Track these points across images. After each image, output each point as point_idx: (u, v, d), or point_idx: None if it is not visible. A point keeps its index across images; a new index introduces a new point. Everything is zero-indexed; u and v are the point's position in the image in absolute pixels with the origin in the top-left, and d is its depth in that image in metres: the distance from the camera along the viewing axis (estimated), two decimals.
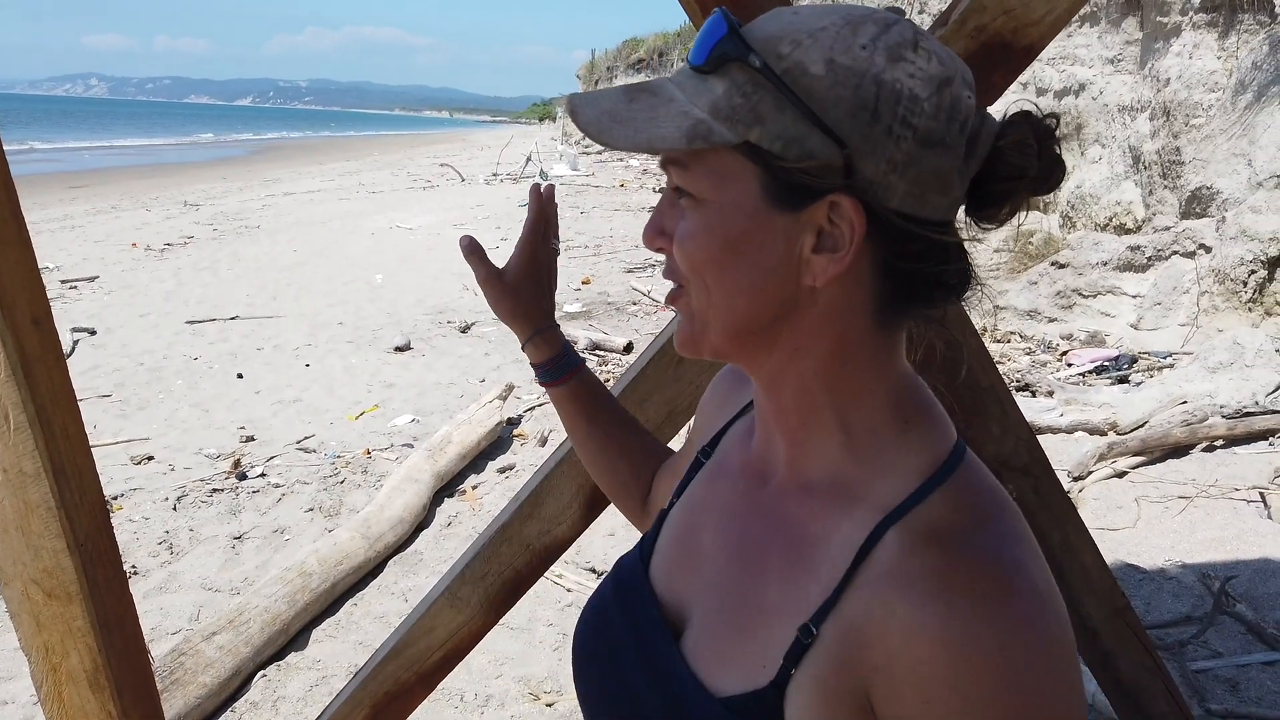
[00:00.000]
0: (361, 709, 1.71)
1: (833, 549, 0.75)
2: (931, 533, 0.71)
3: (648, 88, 0.76)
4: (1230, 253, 6.70)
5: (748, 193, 0.72)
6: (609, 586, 0.96)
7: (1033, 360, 6.91)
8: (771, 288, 0.74)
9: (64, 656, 1.52)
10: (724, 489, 0.91)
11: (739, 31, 0.71)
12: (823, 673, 0.72)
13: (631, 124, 0.72)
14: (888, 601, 0.69)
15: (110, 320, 8.47)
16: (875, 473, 0.76)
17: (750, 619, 0.79)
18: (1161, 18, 8.58)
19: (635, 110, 0.73)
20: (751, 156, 0.71)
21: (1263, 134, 6.94)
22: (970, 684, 0.65)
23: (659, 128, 0.72)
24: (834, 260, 0.72)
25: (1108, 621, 1.64)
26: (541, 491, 1.59)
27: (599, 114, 0.74)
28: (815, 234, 0.72)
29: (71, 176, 24.49)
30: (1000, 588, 0.67)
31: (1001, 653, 0.65)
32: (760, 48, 0.70)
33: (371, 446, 5.46)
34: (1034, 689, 0.66)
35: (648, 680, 0.84)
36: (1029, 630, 0.66)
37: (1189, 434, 4.93)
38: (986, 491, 0.75)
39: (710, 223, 0.74)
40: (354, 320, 8.64)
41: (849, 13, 0.71)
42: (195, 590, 3.88)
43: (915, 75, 0.69)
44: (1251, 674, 3.10)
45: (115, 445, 5.43)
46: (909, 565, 0.69)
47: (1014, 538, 0.72)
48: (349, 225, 14.81)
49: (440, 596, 1.65)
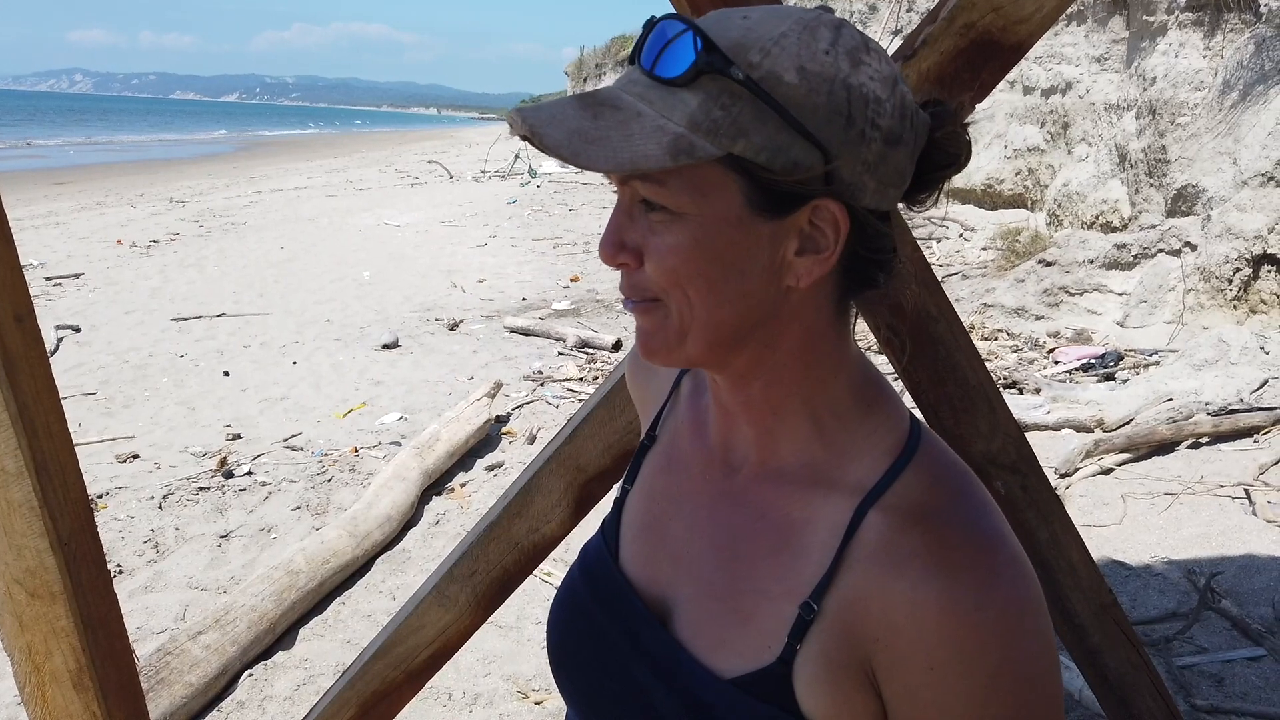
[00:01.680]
0: (349, 708, 1.70)
1: (818, 531, 0.79)
2: (913, 511, 0.75)
3: (605, 100, 0.73)
4: (1215, 251, 6.74)
5: (731, 204, 0.72)
6: (579, 578, 0.97)
7: (1020, 358, 6.94)
8: (755, 294, 0.76)
9: (47, 657, 1.51)
10: (684, 480, 0.92)
11: (716, 46, 0.69)
12: (827, 646, 0.76)
13: (606, 143, 0.70)
14: (885, 579, 0.74)
15: (95, 317, 8.41)
16: (845, 456, 0.80)
17: (745, 603, 0.81)
18: (1148, 17, 8.62)
19: (604, 127, 0.70)
20: (734, 168, 0.70)
21: (1248, 133, 6.98)
22: (974, 647, 0.71)
23: (637, 145, 0.69)
24: (818, 261, 0.75)
25: (1094, 618, 1.64)
26: (530, 489, 1.59)
27: (567, 134, 0.70)
28: (798, 237, 0.74)
29: (56, 173, 24.33)
30: (988, 557, 0.73)
31: (1000, 615, 0.71)
32: (730, 52, 0.69)
33: (359, 444, 5.44)
34: (1028, 643, 0.72)
35: (652, 671, 0.85)
36: (1016, 591, 0.73)
37: (1175, 431, 4.96)
38: (951, 465, 0.81)
39: (694, 236, 0.73)
40: (341, 318, 8.60)
41: (797, 15, 0.72)
42: (181, 589, 3.85)
43: (874, 77, 0.71)
44: (1236, 669, 3.11)
45: (100, 443, 5.39)
46: (900, 544, 0.74)
47: (986, 507, 0.78)
48: (336, 222, 14.75)
49: (428, 595, 1.64)
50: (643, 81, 0.73)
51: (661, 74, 0.71)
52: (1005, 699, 0.72)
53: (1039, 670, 0.73)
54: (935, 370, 1.48)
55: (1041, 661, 0.73)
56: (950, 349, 1.48)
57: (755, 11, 0.72)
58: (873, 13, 14.81)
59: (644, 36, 0.74)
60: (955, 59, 1.36)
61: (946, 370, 1.48)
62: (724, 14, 0.73)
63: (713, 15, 0.74)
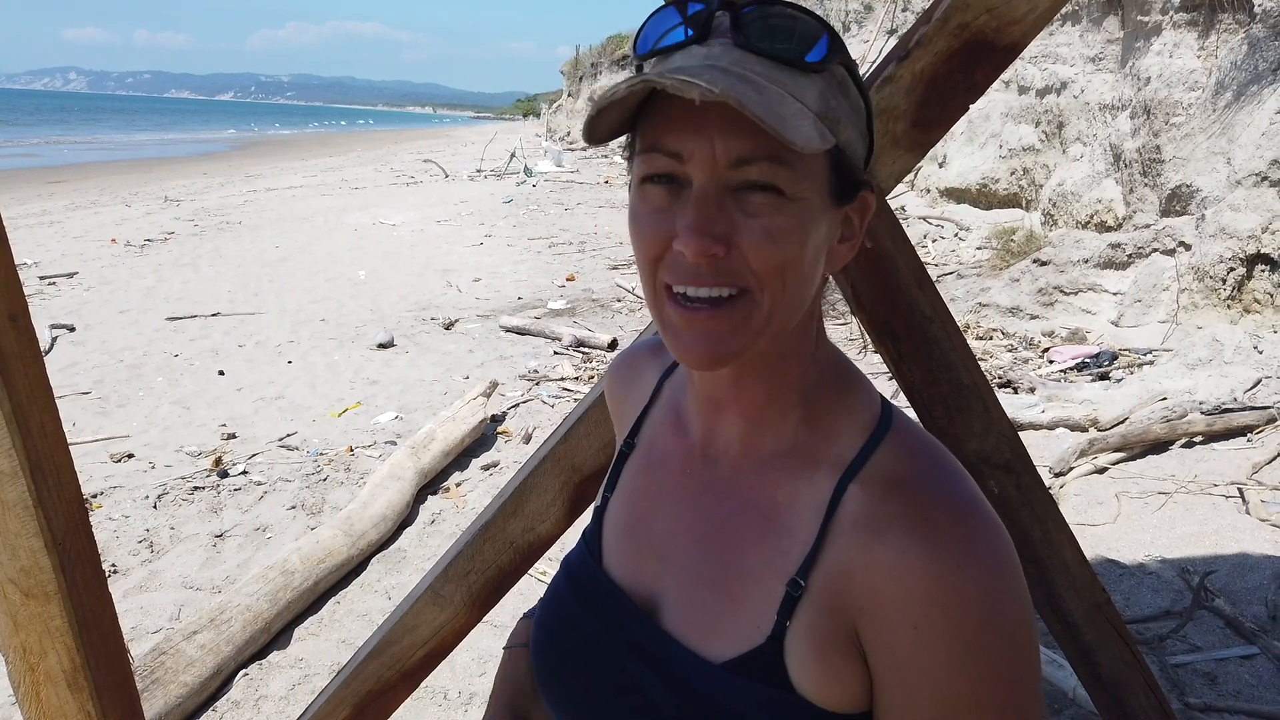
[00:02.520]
0: (344, 707, 1.71)
1: (803, 510, 0.81)
2: (891, 480, 0.78)
3: (751, 78, 0.71)
4: (1209, 250, 6.76)
5: (822, 191, 0.75)
6: (564, 587, 0.97)
7: (1015, 357, 6.95)
8: (813, 287, 0.80)
9: (42, 656, 1.51)
10: (665, 478, 0.93)
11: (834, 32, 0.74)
12: (815, 620, 0.78)
13: (789, 121, 0.69)
14: (867, 547, 0.76)
15: (90, 317, 8.39)
16: (826, 436, 0.83)
17: (734, 588, 0.83)
18: (1142, 17, 8.64)
19: (771, 103, 0.69)
20: (830, 157, 0.74)
21: (1242, 133, 6.99)
22: (956, 604, 0.73)
23: (801, 126, 0.70)
24: (850, 247, 0.80)
25: (1088, 617, 1.65)
26: (525, 489, 1.59)
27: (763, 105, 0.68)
28: (842, 225, 0.79)
29: (50, 171, 24.27)
30: (965, 518, 0.76)
31: (980, 573, 0.73)
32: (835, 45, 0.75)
33: (354, 444, 5.44)
34: (1008, 600, 0.74)
35: (645, 665, 0.86)
36: (995, 550, 0.75)
37: (1169, 430, 4.97)
38: (922, 437, 0.84)
39: (799, 220, 0.74)
40: (337, 317, 8.59)
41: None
42: (176, 589, 3.85)
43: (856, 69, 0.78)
44: (1230, 668, 3.12)
45: (95, 443, 5.38)
46: (880, 512, 0.77)
47: (959, 474, 0.81)
48: (331, 221, 14.73)
49: (423, 594, 1.64)
50: (758, 63, 0.72)
51: (795, 56, 0.72)
52: (987, 655, 0.73)
53: (1018, 626, 0.74)
54: (929, 370, 1.48)
55: (1021, 618, 0.75)
56: (944, 349, 1.48)
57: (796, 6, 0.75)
58: (868, 13, 14.83)
59: (738, 16, 0.73)
60: (949, 59, 1.36)
61: (940, 370, 1.48)
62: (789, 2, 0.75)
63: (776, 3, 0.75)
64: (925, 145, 1.41)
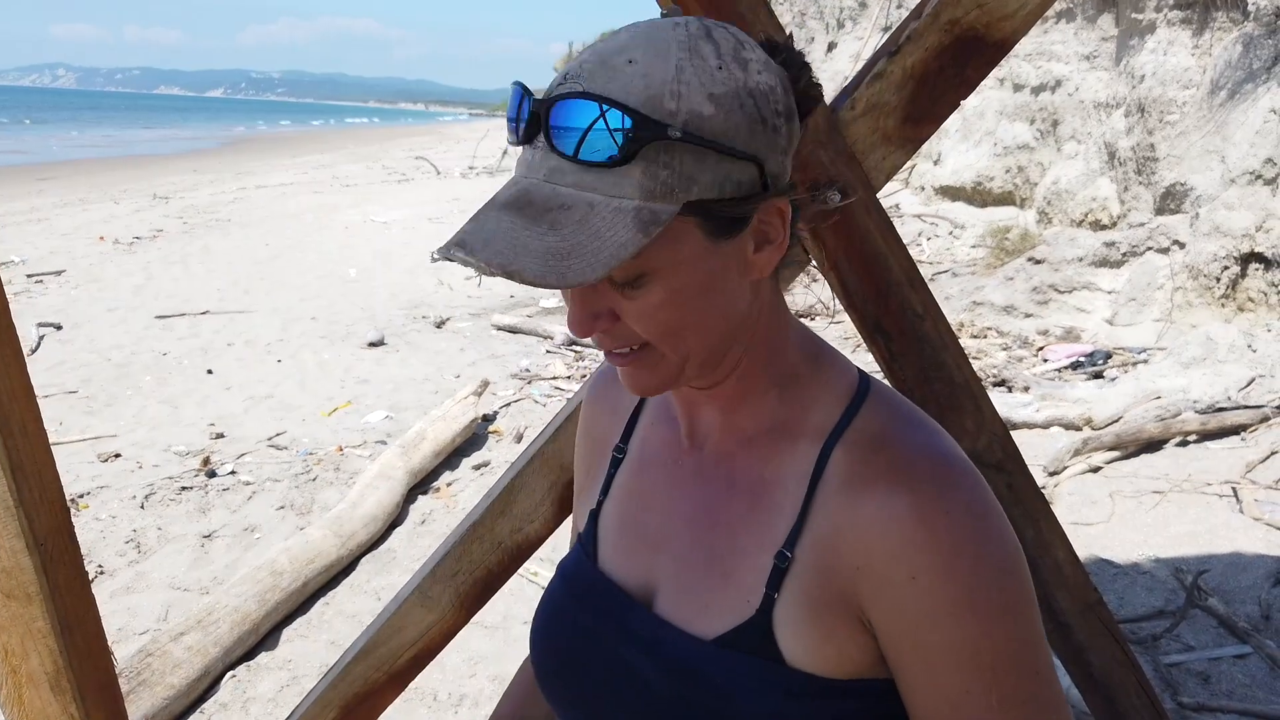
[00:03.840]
0: (331, 710, 1.68)
1: (787, 483, 0.83)
2: (873, 440, 0.81)
3: (548, 203, 0.71)
4: (1204, 249, 6.77)
5: (695, 242, 0.74)
6: (559, 587, 0.98)
7: (1009, 356, 6.95)
8: (734, 304, 0.79)
9: (24, 658, 1.49)
10: (656, 474, 0.95)
11: (642, 114, 0.69)
12: (808, 587, 0.79)
13: (582, 252, 0.69)
14: (854, 506, 0.78)
15: (77, 315, 8.34)
16: (805, 409, 0.85)
17: (724, 565, 0.84)
18: (1137, 15, 8.65)
19: (569, 235, 0.69)
20: (690, 212, 0.72)
21: (1236, 131, 7.00)
22: (949, 548, 0.75)
23: (609, 238, 0.69)
24: (774, 249, 0.79)
25: (1081, 616, 1.64)
26: (514, 488, 1.57)
27: (541, 260, 0.69)
28: (753, 237, 0.78)
29: (38, 168, 24.14)
30: (948, 468, 0.78)
31: (966, 515, 0.76)
32: (654, 115, 0.69)
33: (344, 443, 5.41)
34: (997, 541, 0.77)
35: (640, 650, 0.87)
36: (977, 495, 0.78)
37: (1163, 429, 4.97)
38: (900, 399, 0.86)
39: (671, 287, 0.74)
40: (327, 315, 8.56)
41: (673, 41, 0.72)
42: (163, 590, 3.82)
43: (760, 70, 0.74)
44: (1223, 667, 3.12)
45: (82, 442, 5.34)
46: (864, 471, 0.79)
47: (938, 431, 0.83)
48: (322, 219, 14.69)
49: (410, 595, 1.63)
50: (570, 168, 0.71)
51: (594, 159, 0.70)
52: (989, 591, 0.75)
53: (1013, 563, 0.77)
54: (921, 368, 1.47)
55: (1013, 556, 0.77)
56: (936, 347, 1.47)
57: (634, 50, 0.72)
58: (862, 9, 14.84)
59: (542, 118, 0.72)
60: (940, 55, 1.35)
61: (933, 368, 1.47)
62: (608, 64, 0.72)
63: (596, 67, 0.72)
64: (916, 141, 1.40)
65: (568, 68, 0.75)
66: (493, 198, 0.75)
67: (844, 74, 13.48)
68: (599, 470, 1.03)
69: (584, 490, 1.06)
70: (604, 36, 0.77)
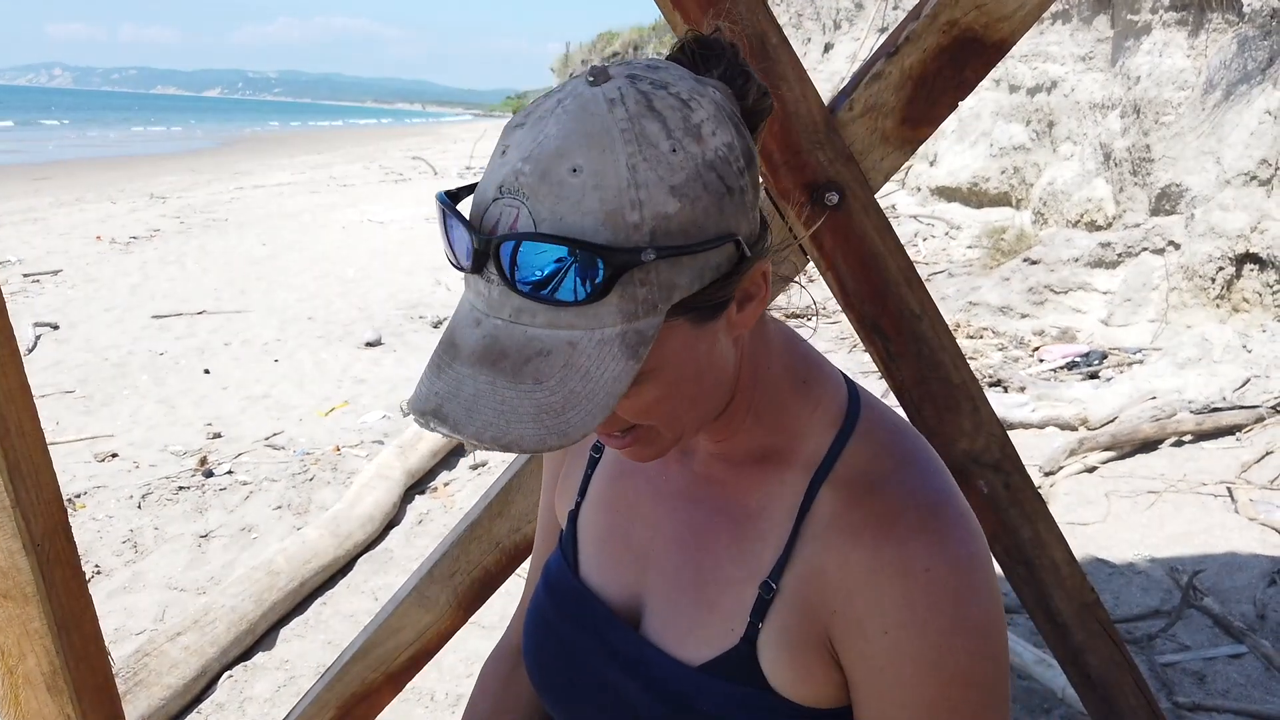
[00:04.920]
0: (328, 710, 1.69)
1: (775, 513, 0.81)
2: (861, 482, 0.78)
3: (527, 351, 0.65)
4: (1199, 250, 6.78)
5: (684, 335, 0.70)
6: (544, 596, 0.98)
7: (1005, 356, 6.96)
8: (726, 368, 0.77)
9: (20, 659, 1.49)
10: (641, 483, 0.93)
11: (611, 247, 0.63)
12: (787, 622, 0.79)
13: (576, 402, 0.65)
14: (840, 550, 0.76)
15: (74, 315, 8.32)
16: (792, 436, 0.83)
17: (710, 591, 0.84)
18: (1132, 16, 8.66)
19: (557, 386, 0.65)
20: (674, 313, 0.68)
21: (1231, 132, 7.01)
22: (926, 606, 0.73)
23: (599, 375, 0.65)
24: (757, 303, 0.74)
25: (1077, 616, 1.64)
26: (511, 489, 1.57)
27: (537, 424, 0.64)
28: (736, 302, 0.73)
29: (34, 168, 24.08)
30: (938, 519, 0.76)
31: (950, 573, 0.74)
32: (619, 238, 0.63)
33: (341, 443, 5.41)
34: (977, 600, 0.75)
35: (624, 672, 0.87)
36: (965, 549, 0.75)
37: (1158, 429, 4.98)
38: (892, 429, 0.83)
39: (668, 380, 0.71)
40: (324, 315, 8.55)
41: (614, 130, 0.64)
42: (160, 590, 3.81)
43: (714, 131, 0.67)
44: (1218, 667, 3.13)
45: (78, 442, 5.33)
46: (852, 516, 0.77)
47: (931, 468, 0.80)
48: (319, 219, 14.67)
49: (408, 596, 1.63)
50: (539, 308, 0.65)
51: (569, 299, 0.64)
52: (957, 656, 0.74)
53: (988, 625, 0.75)
54: (918, 369, 1.47)
55: (990, 615, 0.75)
56: (933, 347, 1.47)
57: (574, 153, 0.64)
58: (859, 10, 14.85)
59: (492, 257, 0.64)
60: (938, 56, 1.35)
61: (929, 368, 1.47)
62: (549, 176, 0.64)
63: (536, 183, 0.64)
64: (914, 142, 1.40)
65: (501, 176, 0.66)
66: (454, 342, 0.69)
67: (840, 75, 13.49)
68: (574, 468, 1.02)
69: (557, 484, 1.05)
70: (529, 114, 0.68)
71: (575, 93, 0.67)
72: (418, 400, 0.68)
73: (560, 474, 1.05)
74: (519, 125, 0.68)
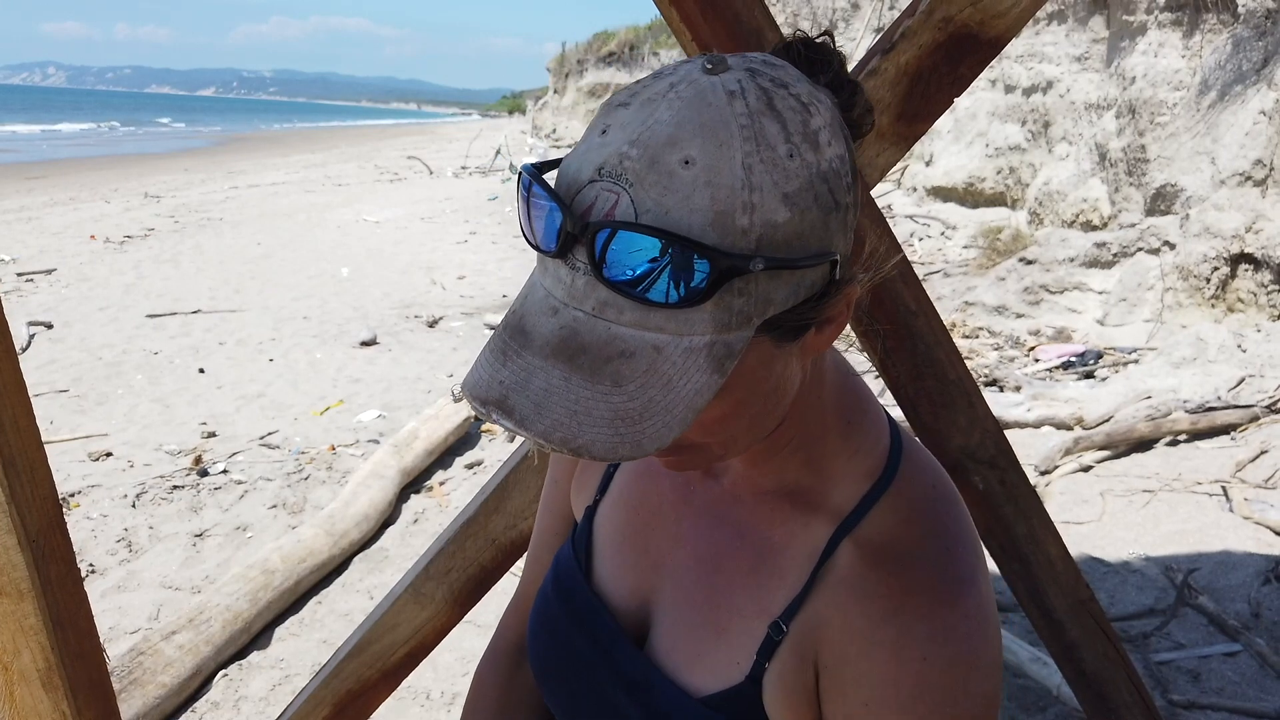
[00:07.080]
0: (323, 707, 1.68)
1: (795, 555, 0.78)
2: (883, 548, 0.74)
3: (607, 351, 0.61)
4: (1194, 249, 6.80)
5: (764, 352, 0.65)
6: (553, 595, 0.95)
7: (1001, 355, 6.97)
8: (791, 390, 0.72)
9: (15, 655, 1.48)
10: (666, 488, 0.90)
11: (719, 250, 0.58)
12: (789, 665, 0.76)
13: (655, 411, 0.60)
14: (846, 611, 0.74)
15: (68, 314, 8.30)
16: (827, 480, 0.78)
17: (721, 618, 0.81)
18: (1128, 16, 8.68)
19: (636, 392, 0.60)
20: (762, 330, 0.63)
21: (1226, 132, 7.03)
22: (909, 693, 0.70)
23: (682, 385, 0.60)
24: (835, 328, 0.69)
25: (1072, 614, 1.64)
26: (507, 486, 1.57)
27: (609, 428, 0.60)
28: (816, 325, 0.68)
29: (28, 167, 24.04)
30: (949, 609, 0.71)
31: (945, 671, 0.70)
32: (727, 242, 0.58)
33: (337, 442, 5.40)
34: (966, 703, 0.71)
35: (626, 691, 0.85)
36: (967, 647, 0.71)
37: (1153, 429, 4.99)
38: (928, 492, 0.78)
39: (738, 399, 0.67)
40: (319, 314, 8.54)
41: (734, 125, 0.59)
42: (155, 589, 3.81)
43: (830, 141, 0.63)
44: (1213, 665, 3.13)
45: (73, 441, 5.32)
46: (865, 580, 0.73)
47: (960, 548, 0.75)
48: (314, 218, 14.65)
49: (404, 593, 1.62)
50: (628, 305, 0.60)
51: (661, 300, 0.59)
52: None
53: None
54: (914, 365, 1.47)
55: (977, 716, 0.71)
56: (929, 344, 1.47)
57: (688, 142, 0.59)
58: (854, 10, 14.85)
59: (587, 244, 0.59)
60: (933, 53, 1.35)
61: (925, 365, 1.48)
62: (659, 164, 0.58)
63: (645, 170, 0.59)
64: (910, 139, 1.40)
65: (602, 157, 0.60)
66: (524, 329, 0.63)
67: None
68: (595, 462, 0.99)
69: (573, 478, 1.01)
70: (635, 94, 0.63)
71: (691, 79, 0.62)
72: (479, 386, 0.62)
73: (578, 467, 1.01)
74: (623, 105, 0.62)
